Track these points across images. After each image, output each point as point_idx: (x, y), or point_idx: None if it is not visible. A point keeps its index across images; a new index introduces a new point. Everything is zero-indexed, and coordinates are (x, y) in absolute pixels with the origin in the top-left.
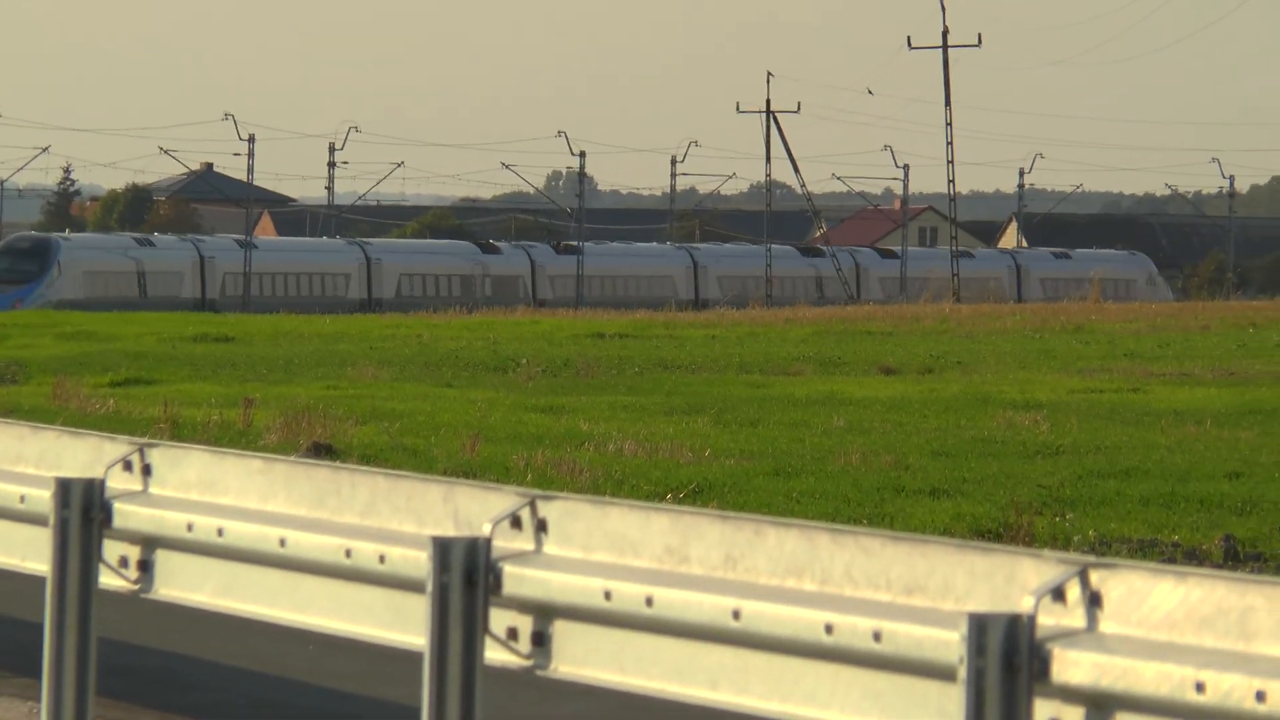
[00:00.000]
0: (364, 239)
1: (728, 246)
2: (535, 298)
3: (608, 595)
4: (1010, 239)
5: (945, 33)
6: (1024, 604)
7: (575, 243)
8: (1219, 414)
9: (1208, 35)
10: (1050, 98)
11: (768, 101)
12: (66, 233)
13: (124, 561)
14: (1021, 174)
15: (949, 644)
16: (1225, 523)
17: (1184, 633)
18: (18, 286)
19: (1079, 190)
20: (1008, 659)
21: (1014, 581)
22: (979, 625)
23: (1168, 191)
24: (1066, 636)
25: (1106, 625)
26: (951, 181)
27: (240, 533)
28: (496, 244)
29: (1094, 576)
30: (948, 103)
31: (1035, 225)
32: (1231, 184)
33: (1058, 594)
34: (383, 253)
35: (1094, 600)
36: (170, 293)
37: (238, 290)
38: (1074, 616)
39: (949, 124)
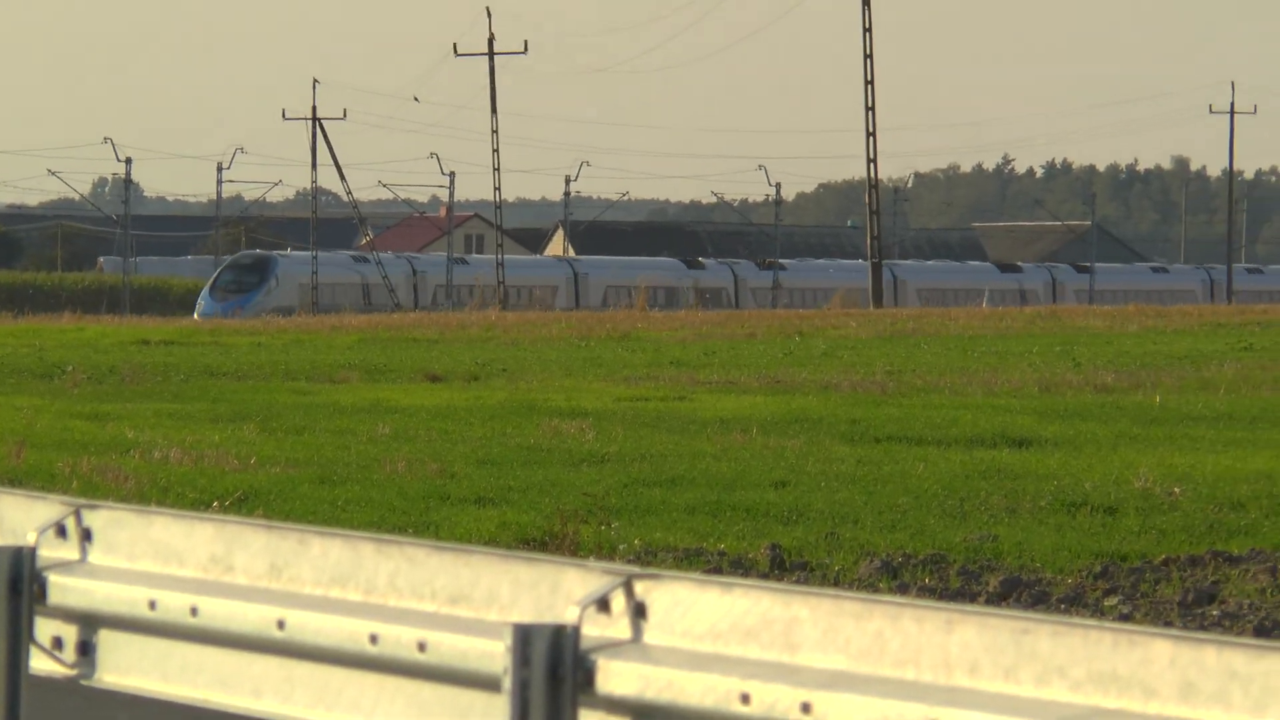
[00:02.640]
0: (574, 256)
1: (930, 264)
2: (738, 308)
3: (152, 605)
4: (557, 246)
5: (491, 39)
6: (569, 614)
7: (778, 259)
8: (765, 422)
9: (753, 44)
10: (597, 105)
11: (314, 108)
12: (288, 251)
13: None
14: (568, 181)
15: (493, 655)
16: (771, 531)
17: (729, 644)
18: (240, 296)
19: (625, 198)
20: (552, 669)
21: (559, 592)
22: (523, 636)
23: (714, 199)
24: (611, 647)
25: (651, 636)
26: (498, 189)
27: None
28: (702, 259)
29: (639, 587)
30: (494, 110)
31: (581, 232)
32: (778, 191)
33: (603, 604)
34: (590, 267)
35: (639, 611)
36: (386, 301)
37: (448, 300)
38: (619, 627)
39: (495, 131)
